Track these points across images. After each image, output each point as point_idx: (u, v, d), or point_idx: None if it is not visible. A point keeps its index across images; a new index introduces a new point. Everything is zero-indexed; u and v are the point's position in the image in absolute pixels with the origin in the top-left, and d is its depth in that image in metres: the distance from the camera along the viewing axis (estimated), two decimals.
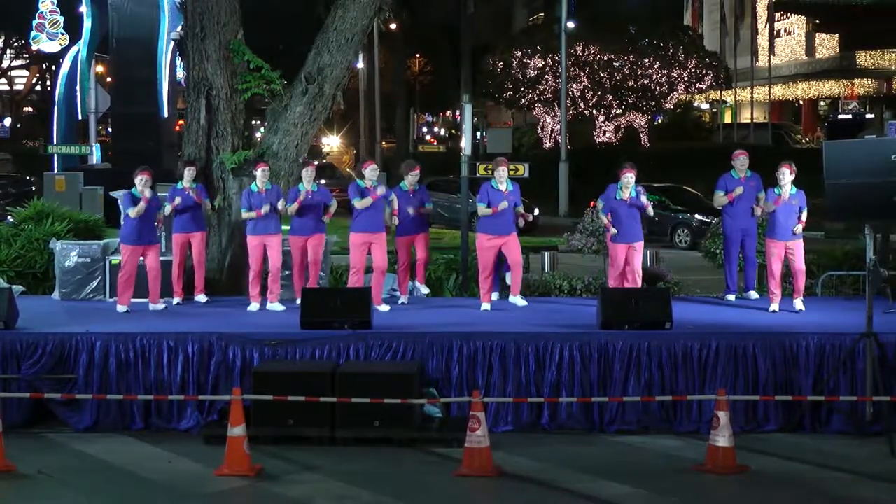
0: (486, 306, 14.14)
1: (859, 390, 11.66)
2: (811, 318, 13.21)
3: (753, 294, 14.73)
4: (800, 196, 13.85)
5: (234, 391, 10.68)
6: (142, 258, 14.16)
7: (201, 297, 14.78)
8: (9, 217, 17.86)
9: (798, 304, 13.88)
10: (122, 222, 14.25)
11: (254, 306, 14.20)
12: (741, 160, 14.57)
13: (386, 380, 11.30)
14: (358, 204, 14.06)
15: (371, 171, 14.17)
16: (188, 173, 14.86)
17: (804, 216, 13.87)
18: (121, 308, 13.96)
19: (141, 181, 14.05)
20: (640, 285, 14.09)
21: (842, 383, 11.80)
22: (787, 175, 13.72)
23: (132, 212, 13.93)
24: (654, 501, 9.75)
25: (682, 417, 11.89)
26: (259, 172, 14.43)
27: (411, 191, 14.72)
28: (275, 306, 14.21)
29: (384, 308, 13.96)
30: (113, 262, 14.88)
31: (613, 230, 14.17)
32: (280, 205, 14.33)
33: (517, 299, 14.23)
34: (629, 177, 14.16)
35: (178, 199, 14.58)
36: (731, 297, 14.73)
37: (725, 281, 14.90)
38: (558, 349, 11.92)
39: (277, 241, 14.34)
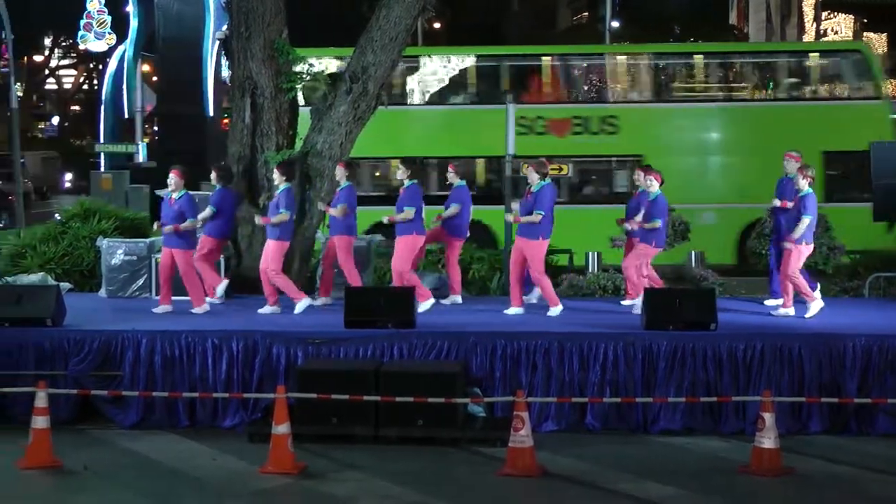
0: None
1: None
2: (858, 320, 13.10)
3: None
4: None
5: (279, 389, 10.69)
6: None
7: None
8: (56, 215, 18.03)
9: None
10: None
11: (303, 302, 13.85)
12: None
13: (430, 379, 11.28)
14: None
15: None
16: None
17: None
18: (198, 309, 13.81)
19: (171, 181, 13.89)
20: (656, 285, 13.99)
21: (889, 385, 11.69)
22: None
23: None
24: (699, 503, 9.70)
25: (727, 418, 11.81)
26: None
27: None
28: (266, 309, 13.84)
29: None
30: (159, 259, 14.94)
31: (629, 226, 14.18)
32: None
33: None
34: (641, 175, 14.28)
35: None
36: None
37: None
38: (602, 349, 11.88)
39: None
